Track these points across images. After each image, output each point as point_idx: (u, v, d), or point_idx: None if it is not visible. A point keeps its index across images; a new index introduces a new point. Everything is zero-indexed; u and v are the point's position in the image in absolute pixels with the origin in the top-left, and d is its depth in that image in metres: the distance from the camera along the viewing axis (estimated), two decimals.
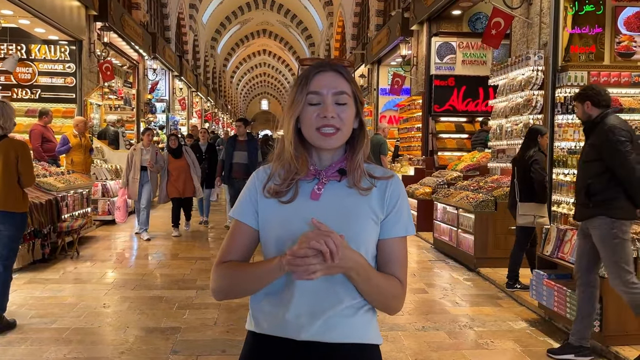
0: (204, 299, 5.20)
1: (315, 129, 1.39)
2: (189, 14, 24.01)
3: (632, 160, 3.54)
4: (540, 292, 4.62)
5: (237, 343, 4.07)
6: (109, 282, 5.80)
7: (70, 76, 10.50)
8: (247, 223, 1.48)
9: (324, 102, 1.39)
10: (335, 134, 1.39)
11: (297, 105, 1.42)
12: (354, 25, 20.71)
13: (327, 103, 1.39)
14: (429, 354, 3.95)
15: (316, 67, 1.44)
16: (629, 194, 3.57)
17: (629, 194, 3.57)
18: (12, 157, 4.23)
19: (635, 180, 3.54)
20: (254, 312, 1.49)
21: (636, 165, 3.53)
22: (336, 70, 1.43)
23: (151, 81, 16.34)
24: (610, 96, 3.90)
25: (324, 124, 1.39)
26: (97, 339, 4.16)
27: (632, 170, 3.53)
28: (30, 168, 4.39)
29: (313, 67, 1.44)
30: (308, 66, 1.47)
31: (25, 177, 4.30)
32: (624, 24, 6.35)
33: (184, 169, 8.47)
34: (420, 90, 11.55)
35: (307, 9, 30.30)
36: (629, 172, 3.54)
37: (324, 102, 1.39)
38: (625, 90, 6.33)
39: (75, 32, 10.17)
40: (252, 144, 8.34)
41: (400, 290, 1.45)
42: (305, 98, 1.41)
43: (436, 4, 10.02)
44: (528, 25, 6.74)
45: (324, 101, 1.39)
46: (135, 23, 13.81)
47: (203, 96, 27.84)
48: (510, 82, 6.94)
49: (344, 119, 1.40)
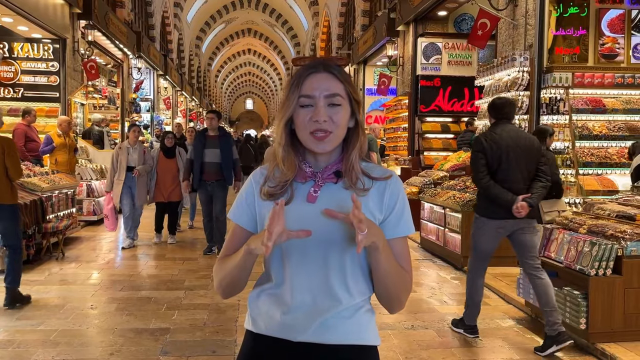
0: (192, 299, 5.17)
1: (309, 132, 1.38)
2: (173, 12, 23.84)
3: (477, 168, 4.09)
4: (527, 290, 4.68)
5: (227, 344, 4.06)
6: (96, 283, 5.74)
7: (54, 75, 10.37)
8: (243, 226, 1.48)
9: (316, 105, 1.37)
10: (327, 137, 1.37)
11: (289, 107, 1.40)
12: (339, 25, 20.74)
13: (319, 106, 1.37)
14: (419, 352, 3.97)
15: (309, 68, 1.41)
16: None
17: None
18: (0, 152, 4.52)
19: (481, 187, 4.10)
20: (252, 311, 1.49)
21: (478, 174, 4.07)
22: (329, 71, 1.40)
23: (136, 80, 16.20)
24: (503, 108, 4.16)
25: (316, 128, 1.37)
26: (86, 341, 4.12)
27: (476, 178, 4.14)
28: (17, 162, 4.66)
29: (305, 68, 1.41)
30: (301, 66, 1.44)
31: (12, 170, 4.57)
32: (607, 25, 6.47)
33: (172, 171, 7.69)
34: (406, 91, 11.62)
35: (293, 8, 30.26)
36: (475, 179, 4.20)
37: (316, 105, 1.37)
38: (609, 92, 6.46)
39: (59, 31, 10.04)
40: (225, 140, 7.01)
41: (408, 281, 1.45)
42: (297, 100, 1.39)
43: (422, 5, 10.09)
44: (514, 27, 6.82)
45: (316, 104, 1.37)
46: (120, 21, 13.68)
47: (188, 95, 27.67)
48: (496, 82, 7.02)
49: (337, 122, 1.38)
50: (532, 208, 3.98)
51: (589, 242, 4.07)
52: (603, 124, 6.41)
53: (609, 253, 3.95)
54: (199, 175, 6.91)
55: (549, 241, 4.60)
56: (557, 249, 4.44)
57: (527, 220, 4.09)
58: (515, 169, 4.01)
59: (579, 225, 4.49)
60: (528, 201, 3.94)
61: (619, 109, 6.40)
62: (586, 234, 4.30)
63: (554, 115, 6.29)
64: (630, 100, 6.46)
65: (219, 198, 6.97)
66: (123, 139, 13.83)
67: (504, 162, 4.00)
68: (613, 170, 6.34)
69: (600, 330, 3.96)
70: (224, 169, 6.84)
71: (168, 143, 7.84)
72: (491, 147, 4.01)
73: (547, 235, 4.63)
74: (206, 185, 6.97)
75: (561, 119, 6.28)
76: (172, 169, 7.72)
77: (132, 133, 7.63)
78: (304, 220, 1.39)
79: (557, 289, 4.22)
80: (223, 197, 7.01)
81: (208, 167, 6.87)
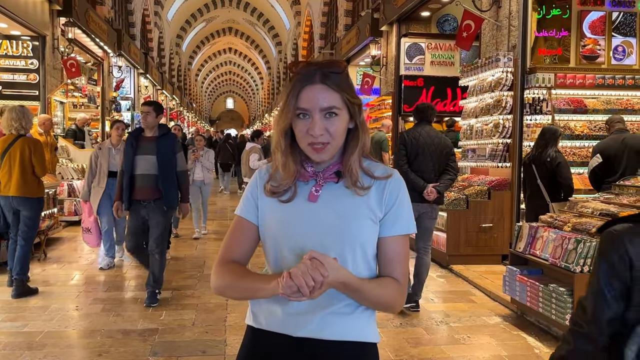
0: (180, 299, 5.14)
1: (307, 144, 1.40)
2: (154, 10, 23.61)
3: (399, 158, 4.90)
4: (513, 288, 4.75)
5: (217, 343, 4.04)
6: (80, 284, 5.66)
7: (33, 73, 10.18)
8: (250, 219, 1.49)
9: (312, 119, 1.38)
10: (324, 148, 1.39)
11: (287, 117, 1.42)
12: (322, 25, 20.76)
13: (315, 120, 1.38)
14: (408, 350, 4.01)
15: (304, 79, 1.40)
16: None
17: None
18: (27, 152, 5.20)
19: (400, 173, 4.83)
20: (252, 307, 1.51)
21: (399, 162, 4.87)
22: (325, 83, 1.39)
23: (116, 79, 16.00)
24: (424, 112, 5.09)
25: (313, 141, 1.38)
26: (73, 343, 4.06)
27: (397, 165, 4.86)
28: (42, 160, 5.33)
29: (301, 80, 1.41)
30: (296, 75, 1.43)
31: (38, 168, 5.25)
32: (588, 27, 6.59)
33: None
34: (389, 91, 11.67)
35: (274, 7, 30.20)
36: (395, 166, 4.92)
37: (312, 119, 1.38)
38: (590, 92, 6.58)
39: (39, 28, 9.87)
40: (165, 144, 4.93)
41: (397, 294, 1.45)
42: (294, 112, 1.40)
43: (406, 5, 10.15)
44: (497, 28, 6.91)
45: (312, 117, 1.38)
46: (100, 19, 13.50)
47: (168, 94, 27.41)
48: (480, 82, 7.10)
49: (333, 132, 1.39)
50: (439, 195, 4.87)
51: (574, 239, 4.15)
52: (584, 124, 6.53)
53: (594, 250, 4.03)
54: (128, 193, 4.88)
55: (534, 239, 4.67)
56: (542, 247, 4.51)
57: (432, 205, 4.91)
58: (428, 162, 4.88)
59: (564, 224, 4.57)
60: (437, 188, 4.82)
61: (599, 109, 6.52)
62: (571, 231, 4.39)
63: (537, 115, 6.39)
64: (610, 100, 6.60)
65: (156, 225, 4.90)
66: (104, 138, 13.65)
67: (420, 155, 4.87)
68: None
69: None
70: (165, 184, 4.86)
71: None
72: (411, 142, 4.89)
73: (532, 233, 4.71)
74: (139, 207, 4.90)
75: (544, 119, 6.38)
76: None
77: (115, 131, 6.32)
78: (305, 218, 1.42)
79: (543, 286, 4.30)
80: (162, 224, 4.92)
81: (141, 180, 4.87)
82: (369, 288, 1.39)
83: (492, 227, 6.52)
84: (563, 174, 5.37)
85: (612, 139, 5.64)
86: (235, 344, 3.98)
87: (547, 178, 5.42)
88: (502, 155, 6.59)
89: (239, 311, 4.67)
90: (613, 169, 5.45)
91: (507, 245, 6.26)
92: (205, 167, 8.28)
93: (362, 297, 1.39)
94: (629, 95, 6.66)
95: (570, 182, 5.42)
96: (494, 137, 6.67)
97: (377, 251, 1.46)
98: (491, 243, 6.56)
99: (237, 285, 1.43)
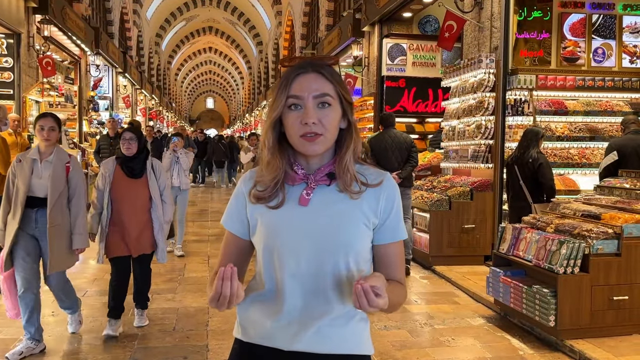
0: (160, 304, 5.03)
1: (299, 136, 1.34)
2: (132, 8, 23.28)
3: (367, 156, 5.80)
4: (496, 289, 4.75)
5: (198, 349, 3.96)
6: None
7: (8, 71, 9.92)
8: (233, 232, 1.45)
9: (305, 106, 1.33)
10: (317, 139, 1.33)
11: (277, 109, 1.36)
12: (303, 25, 20.71)
13: (308, 107, 1.33)
14: (393, 353, 3.98)
15: (297, 68, 1.37)
16: None
17: None
18: None
19: None
20: (241, 319, 1.45)
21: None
22: (318, 71, 1.36)
23: (94, 78, 15.72)
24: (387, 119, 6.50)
25: (306, 131, 1.33)
26: (49, 349, 3.93)
27: None
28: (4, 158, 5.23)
29: (293, 69, 1.37)
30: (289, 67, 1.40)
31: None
32: (569, 29, 6.65)
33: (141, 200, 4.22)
34: (371, 91, 11.67)
35: (255, 7, 30.07)
36: None
37: (304, 106, 1.33)
38: (570, 94, 6.64)
39: (14, 25, 9.62)
40: None
41: (404, 295, 1.45)
42: (285, 102, 1.35)
43: (388, 6, 10.15)
44: (479, 29, 6.93)
45: (305, 105, 1.33)
46: (77, 16, 13.24)
47: (147, 94, 27.08)
48: (462, 84, 7.12)
49: (327, 124, 1.34)
50: (402, 180, 6.01)
51: (557, 241, 4.16)
52: (565, 125, 6.58)
53: (577, 252, 4.05)
54: None
55: (517, 240, 4.68)
56: (525, 248, 4.52)
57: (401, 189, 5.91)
58: (392, 157, 6.16)
59: (547, 225, 4.58)
60: (399, 175, 6.00)
61: (579, 110, 6.58)
62: (554, 233, 4.40)
63: (519, 117, 6.42)
64: (590, 102, 6.66)
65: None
66: (82, 140, 13.39)
67: (385, 151, 6.16)
68: (575, 171, 6.52)
69: (569, 327, 4.05)
70: None
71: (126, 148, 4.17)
72: (376, 144, 6.28)
73: (515, 234, 4.72)
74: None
75: (525, 120, 6.42)
76: (141, 197, 4.23)
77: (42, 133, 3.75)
78: (296, 223, 1.36)
79: (527, 287, 4.30)
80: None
81: None
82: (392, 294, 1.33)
83: (474, 228, 6.54)
84: (545, 174, 5.39)
85: (628, 138, 5.66)
86: (217, 349, 3.91)
87: (529, 179, 5.44)
88: (484, 156, 6.61)
89: (221, 315, 4.58)
90: (625, 167, 5.47)
91: (489, 246, 6.29)
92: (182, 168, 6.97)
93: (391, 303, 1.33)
94: (608, 97, 6.74)
95: (552, 183, 5.45)
96: (476, 138, 6.68)
97: (376, 257, 1.43)
98: (474, 244, 6.57)
99: None
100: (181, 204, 7.00)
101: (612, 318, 4.13)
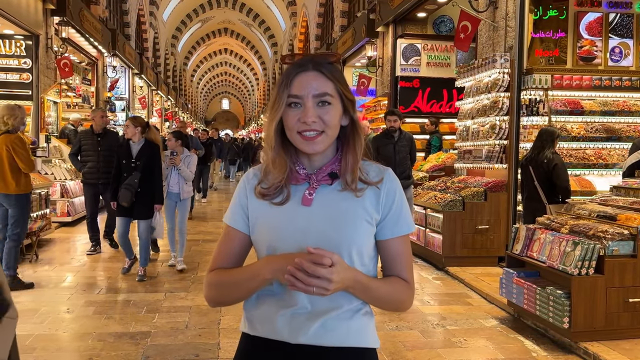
0: (173, 301, 5.07)
1: (297, 132, 1.34)
2: (149, 10, 23.51)
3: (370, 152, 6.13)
4: (510, 290, 4.70)
5: (210, 347, 3.98)
6: (72, 286, 5.58)
7: (27, 72, 10.10)
8: (238, 228, 1.45)
9: (304, 106, 1.33)
10: (317, 137, 1.34)
11: (278, 108, 1.36)
12: (318, 26, 20.73)
13: (308, 106, 1.33)
14: (404, 353, 3.96)
15: (297, 66, 1.37)
16: None
17: None
18: (5, 149, 5.19)
19: None
20: (247, 314, 1.46)
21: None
22: (318, 69, 1.36)
23: (111, 79, 15.91)
24: None
25: (305, 129, 1.33)
26: (63, 346, 3.99)
27: None
28: (24, 156, 5.27)
29: (294, 67, 1.37)
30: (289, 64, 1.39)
31: (22, 164, 5.24)
32: (585, 28, 6.57)
33: None
34: (385, 92, 11.64)
35: (270, 8, 30.16)
36: None
37: (304, 106, 1.33)
38: (587, 94, 6.55)
39: (32, 27, 9.79)
40: None
41: (407, 293, 1.43)
42: (286, 100, 1.35)
43: (402, 6, 10.12)
44: (494, 29, 6.88)
45: (305, 104, 1.33)
46: (95, 18, 13.41)
47: (163, 95, 27.31)
48: (477, 84, 7.07)
49: (327, 121, 1.34)
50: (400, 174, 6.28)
51: (571, 242, 4.11)
52: (581, 126, 6.50)
53: (592, 253, 3.99)
54: None
55: (531, 241, 4.63)
56: (539, 249, 4.47)
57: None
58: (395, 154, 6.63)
59: (561, 226, 4.53)
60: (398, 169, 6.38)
61: (596, 110, 6.50)
62: (568, 234, 4.35)
63: (534, 117, 6.36)
64: (606, 102, 6.57)
65: None
66: None
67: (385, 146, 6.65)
68: (591, 171, 6.44)
69: (583, 329, 4.00)
70: None
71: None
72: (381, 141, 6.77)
73: (529, 235, 4.67)
74: None
75: (540, 120, 6.35)
76: None
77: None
78: (299, 223, 1.37)
79: (540, 288, 4.26)
80: None
81: None
82: (378, 286, 1.36)
83: (488, 229, 6.49)
84: (559, 175, 5.32)
85: None
86: (228, 347, 3.92)
87: (544, 180, 5.38)
88: (498, 157, 6.56)
89: (233, 314, 4.60)
90: None
91: (503, 247, 6.23)
92: (182, 176, 6.32)
93: (372, 296, 1.36)
94: (625, 97, 6.64)
95: (566, 184, 5.38)
96: (490, 138, 6.63)
97: (380, 253, 1.43)
98: (487, 245, 6.52)
99: (226, 282, 1.39)
100: (181, 212, 6.44)
101: (627, 320, 4.06)
